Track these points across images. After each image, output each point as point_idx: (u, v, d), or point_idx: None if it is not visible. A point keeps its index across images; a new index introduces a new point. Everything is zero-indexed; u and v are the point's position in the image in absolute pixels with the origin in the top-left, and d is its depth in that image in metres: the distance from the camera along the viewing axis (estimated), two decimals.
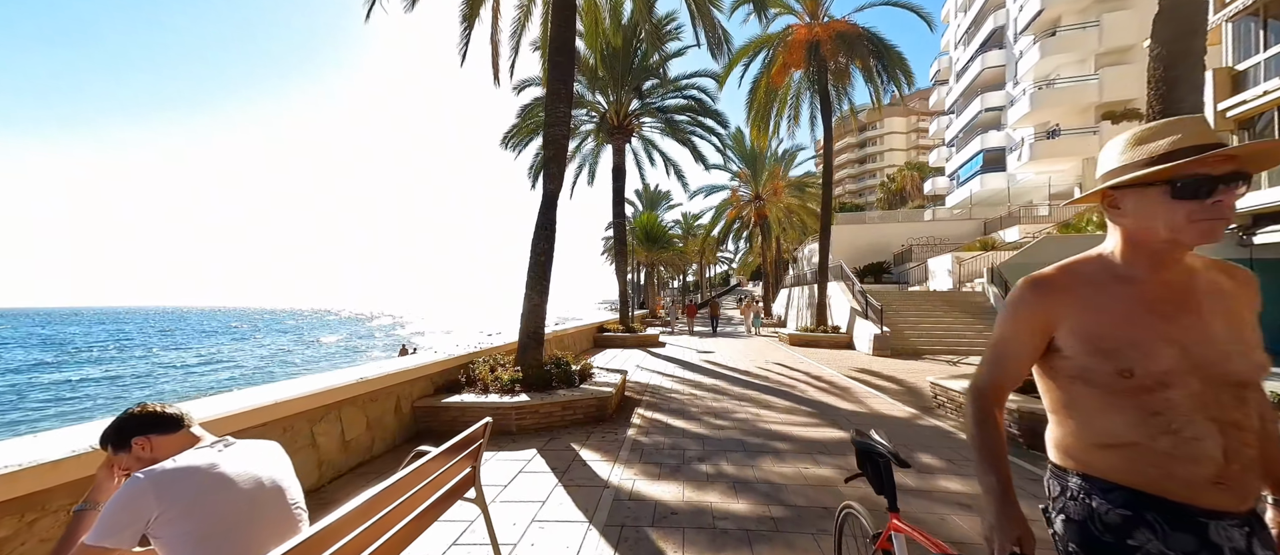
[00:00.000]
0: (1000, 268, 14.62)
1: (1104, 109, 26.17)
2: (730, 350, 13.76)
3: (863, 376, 9.13)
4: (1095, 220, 18.09)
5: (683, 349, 14.17)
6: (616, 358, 12.03)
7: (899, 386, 8.03)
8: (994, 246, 18.80)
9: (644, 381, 8.58)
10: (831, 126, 15.35)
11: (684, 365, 10.72)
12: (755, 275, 59.23)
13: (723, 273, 73.88)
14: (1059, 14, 27.71)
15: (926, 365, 10.66)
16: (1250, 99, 12.51)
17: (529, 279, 6.81)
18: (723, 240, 30.45)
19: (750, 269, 55.31)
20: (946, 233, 28.28)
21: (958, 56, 42.11)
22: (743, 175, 28.30)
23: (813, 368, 10.21)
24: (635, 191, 42.99)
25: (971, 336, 13.23)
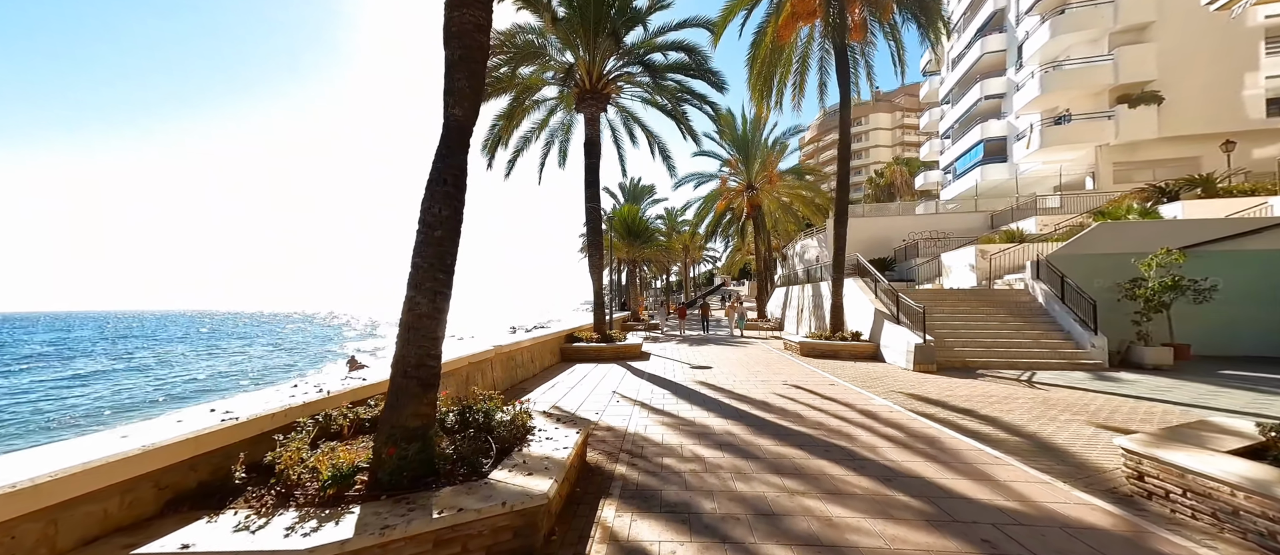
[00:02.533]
0: (1049, 260, 12.21)
1: (1119, 91, 24.37)
2: (731, 365, 10.99)
3: (931, 410, 6.42)
4: (1135, 208, 15.94)
5: (672, 364, 11.34)
6: (585, 380, 9.13)
7: (1013, 436, 5.33)
8: (1022, 238, 16.49)
9: (620, 426, 5.72)
10: (850, 91, 12.74)
11: (677, 392, 7.88)
12: (743, 274, 56.90)
13: (707, 272, 71.52)
14: None
15: (1003, 388, 8.04)
16: None
17: (414, 270, 3.87)
18: (713, 233, 27.82)
19: (737, 268, 52.91)
20: (951, 226, 26.06)
21: (951, 45, 40.40)
22: (733, 163, 25.66)
23: (850, 394, 7.48)
24: (617, 185, 40.15)
25: (1026, 344, 10.74)
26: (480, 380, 7.20)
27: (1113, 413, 6.22)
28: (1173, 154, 23.54)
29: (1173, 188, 16.56)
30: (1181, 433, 3.70)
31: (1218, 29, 22.77)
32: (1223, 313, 10.79)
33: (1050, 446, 4.82)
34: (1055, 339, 10.79)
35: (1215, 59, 22.68)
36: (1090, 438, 5.11)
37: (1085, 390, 7.69)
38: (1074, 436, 5.15)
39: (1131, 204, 16.38)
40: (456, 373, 6.38)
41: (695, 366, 10.82)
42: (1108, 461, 4.37)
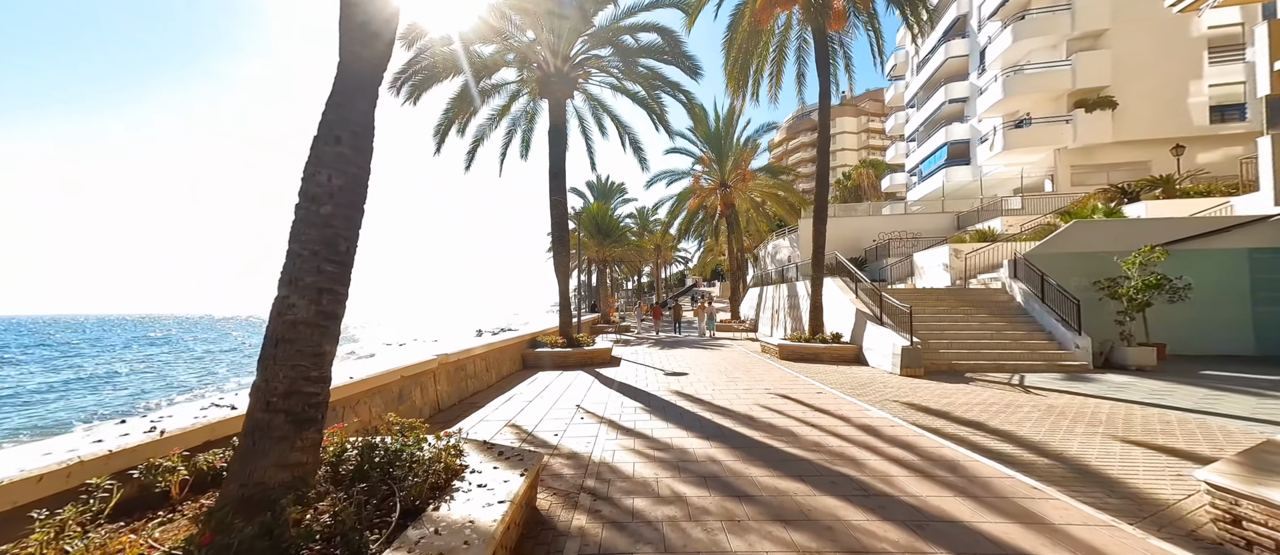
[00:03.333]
0: (1028, 258, 11.96)
1: (1076, 96, 25.09)
2: (707, 371, 10.16)
3: (936, 424, 5.72)
4: (1100, 208, 16.12)
5: (644, 371, 10.41)
6: (547, 391, 8.08)
7: (1039, 456, 4.64)
8: (995, 238, 16.43)
9: (583, 452, 4.74)
10: (830, 81, 12.17)
11: (650, 405, 6.95)
12: (714, 275, 56.68)
13: (679, 273, 71.14)
14: None
15: (999, 393, 7.48)
16: None
17: (289, 259, 2.80)
18: (685, 233, 27.11)
19: (708, 268, 52.59)
20: (919, 226, 26.25)
21: (913, 51, 41.25)
22: (706, 160, 25.02)
23: (842, 404, 6.74)
24: (586, 182, 39.03)
25: (1009, 345, 10.36)
26: (418, 397, 6.07)
27: (1129, 423, 5.67)
28: (1126, 158, 24.38)
29: (1134, 188, 16.85)
30: (1270, 461, 3.02)
31: (1166, 37, 23.73)
32: (1190, 311, 10.72)
33: (1087, 470, 4.13)
34: (1038, 340, 10.46)
35: (1164, 67, 23.61)
36: (1124, 456, 4.47)
37: (1085, 396, 7.21)
38: (1105, 455, 4.51)
39: (1096, 204, 16.58)
40: (384, 390, 5.25)
41: (669, 373, 9.93)
42: (1164, 490, 3.70)
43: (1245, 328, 11.31)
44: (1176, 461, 4.31)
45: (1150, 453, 4.58)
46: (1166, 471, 4.07)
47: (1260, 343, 11.19)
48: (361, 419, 4.70)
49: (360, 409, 4.77)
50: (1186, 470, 4.06)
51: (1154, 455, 4.50)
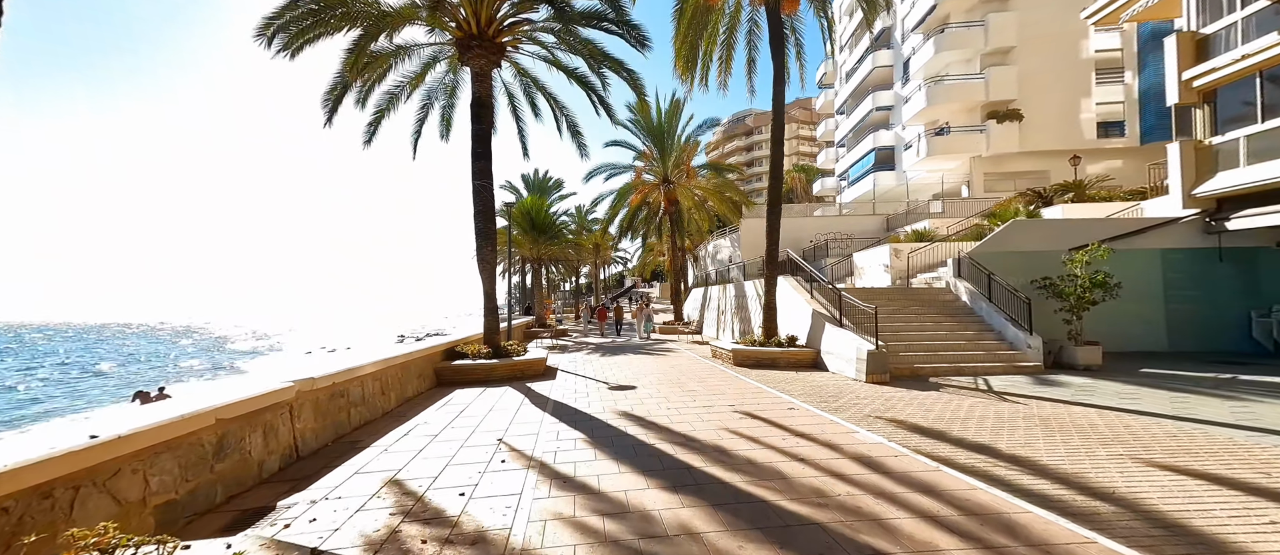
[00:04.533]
0: (974, 257, 11.89)
1: (989, 108, 26.87)
2: (657, 382, 8.86)
3: (941, 450, 4.79)
4: (1021, 210, 16.88)
5: (585, 385, 8.91)
6: (463, 417, 6.35)
7: (1079, 493, 3.77)
8: (932, 238, 16.68)
9: (498, 529, 3.18)
10: (784, 66, 11.37)
11: (594, 434, 5.49)
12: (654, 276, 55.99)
13: (618, 274, 69.89)
14: (948, 12, 28.09)
15: (978, 402, 6.82)
16: (1222, 65, 11.11)
17: None
18: (626, 231, 25.81)
19: (649, 269, 51.76)
20: (853, 228, 26.87)
21: (842, 59, 43.06)
22: (648, 155, 23.91)
23: (823, 425, 5.69)
24: (521, 176, 36.61)
25: (964, 346, 10.06)
26: (258, 445, 4.18)
27: (1139, 439, 5.07)
28: (1030, 167, 26.42)
29: (1049, 192, 17.87)
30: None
31: (1062, 57, 26.00)
32: (1112, 310, 11.03)
33: (1163, 520, 3.25)
34: (990, 339, 10.25)
35: (1060, 84, 25.84)
36: (1181, 490, 3.69)
37: (1064, 403, 6.73)
38: (1162, 490, 3.71)
39: (1017, 207, 17.39)
40: (181, 445, 3.36)
41: (614, 386, 8.51)
42: (1243, 535, 2.85)
43: (1159, 325, 11.92)
44: (1234, 493, 3.58)
45: (1199, 482, 3.84)
46: (1250, 515, 3.29)
47: (1172, 339, 11.84)
48: (120, 501, 2.83)
49: (119, 484, 2.89)
50: (1264, 509, 3.30)
51: (1208, 487, 3.76)
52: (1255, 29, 10.64)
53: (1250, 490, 3.64)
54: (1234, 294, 11.71)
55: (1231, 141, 11.15)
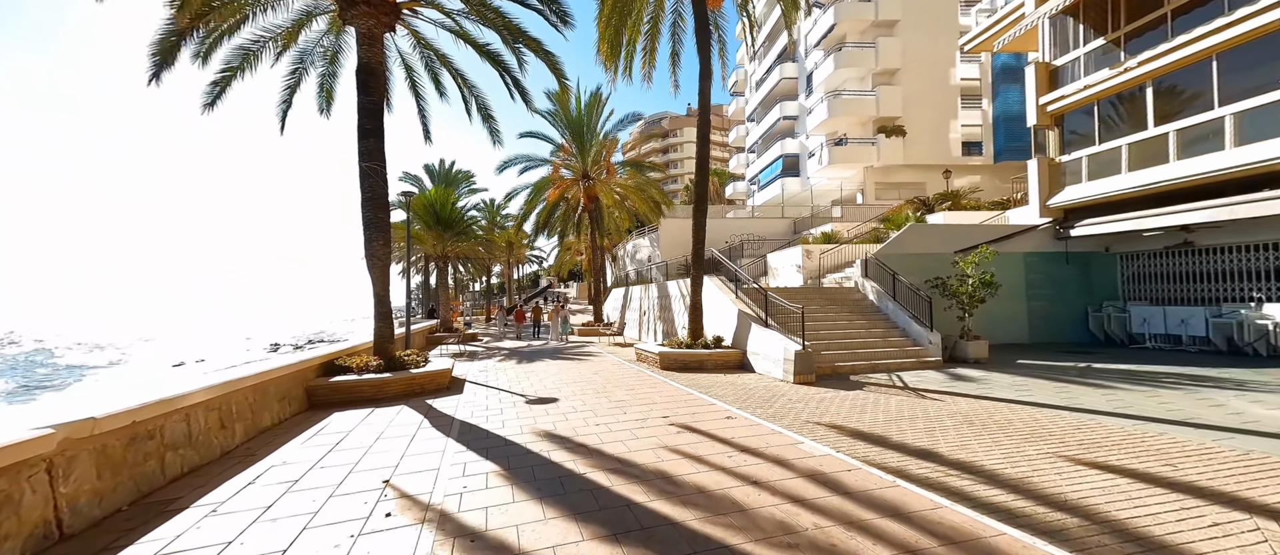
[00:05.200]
0: (880, 258, 12.62)
1: (880, 122, 29.59)
2: (582, 391, 8.04)
3: (905, 465, 4.58)
4: (912, 216, 18.56)
5: (498, 399, 7.80)
6: (336, 453, 5.02)
7: (1039, 505, 3.64)
8: (841, 240, 17.69)
9: None
10: (710, 60, 11.12)
11: (510, 466, 4.55)
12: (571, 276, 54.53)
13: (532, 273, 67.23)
14: (845, 32, 30.48)
15: (903, 402, 6.91)
16: (1069, 93, 12.88)
17: None
18: (542, 228, 24.41)
19: (566, 268, 50.26)
20: (764, 230, 28.00)
21: (752, 69, 45.26)
22: (567, 148, 22.82)
23: (765, 437, 5.30)
24: (424, 166, 33.39)
25: (876, 343, 10.52)
26: None
27: (1046, 431, 5.30)
28: (911, 178, 29.52)
29: (932, 201, 19.87)
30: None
31: (936, 81, 29.38)
32: (988, 307, 12.29)
33: (1107, 522, 3.16)
34: (897, 336, 10.84)
35: (935, 105, 29.17)
36: (1108, 490, 3.73)
37: (975, 398, 7.06)
38: (1089, 490, 3.72)
39: (908, 213, 19.13)
40: None
41: (533, 400, 7.54)
42: (1205, 544, 2.82)
43: (1022, 320, 13.56)
44: (1164, 491, 3.69)
45: (1130, 481, 3.94)
46: (1188, 516, 3.34)
47: (1032, 332, 13.52)
48: None
49: None
50: (1200, 509, 3.37)
51: (1139, 486, 3.86)
52: (1094, 63, 12.45)
53: (1176, 487, 3.77)
54: (1077, 292, 13.68)
55: (1076, 160, 12.97)
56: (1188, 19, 10.57)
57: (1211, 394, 6.83)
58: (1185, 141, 10.66)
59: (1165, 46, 10.80)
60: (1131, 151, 11.64)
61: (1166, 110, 11.07)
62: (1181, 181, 10.61)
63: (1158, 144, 11.13)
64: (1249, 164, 9.49)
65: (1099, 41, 12.32)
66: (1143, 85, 11.46)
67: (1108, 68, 12.02)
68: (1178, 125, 10.74)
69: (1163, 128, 11.02)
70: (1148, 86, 11.38)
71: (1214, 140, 10.15)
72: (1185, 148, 10.67)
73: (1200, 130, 10.38)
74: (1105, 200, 12.29)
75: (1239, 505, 3.37)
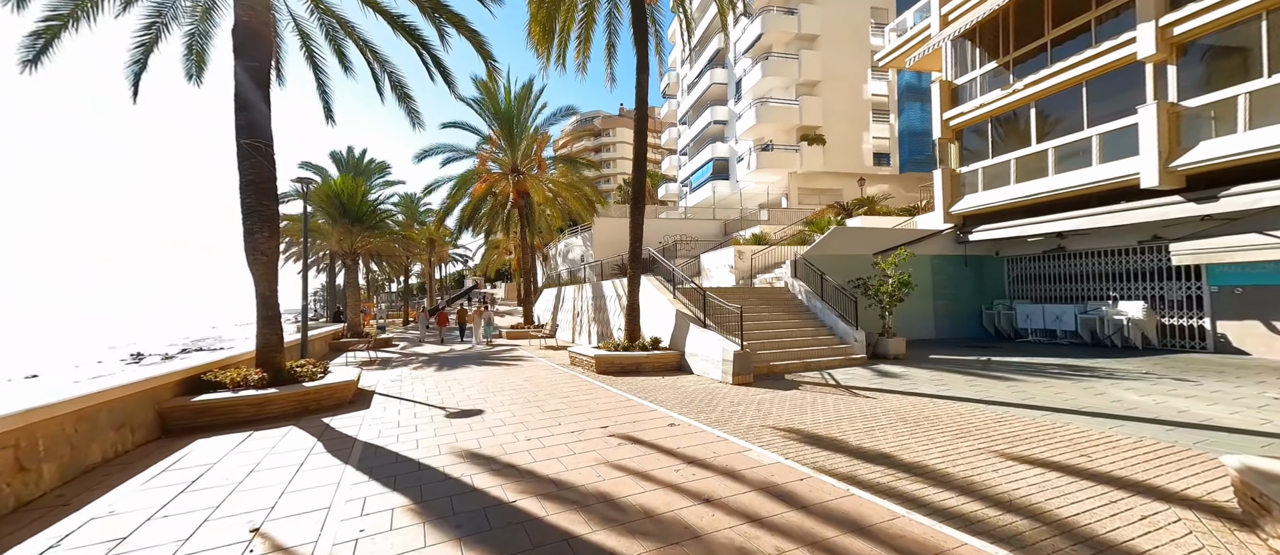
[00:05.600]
0: (808, 259, 13.04)
1: (802, 131, 31.20)
2: (510, 401, 7.32)
3: (858, 472, 4.44)
4: (833, 220, 19.61)
5: (410, 414, 6.87)
6: (188, 496, 3.98)
7: (996, 510, 3.60)
8: (771, 241, 18.22)
9: None
10: (647, 53, 10.80)
11: (422, 499, 3.84)
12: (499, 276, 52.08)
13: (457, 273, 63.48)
14: (771, 42, 31.79)
15: (842, 402, 6.97)
16: (967, 110, 14.16)
17: None
18: (468, 223, 22.75)
19: (493, 268, 47.89)
20: (696, 231, 28.49)
21: (684, 73, 46.05)
22: (494, 140, 21.50)
23: (714, 445, 5.01)
24: (330, 154, 30.09)
25: (806, 341, 10.78)
26: None
27: (972, 426, 5.51)
28: (830, 185, 31.41)
29: (851, 206, 21.14)
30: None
31: (851, 95, 31.52)
32: (902, 305, 13.16)
33: (1053, 522, 3.17)
34: (826, 334, 11.20)
35: (850, 118, 31.29)
36: (1043, 486, 3.82)
37: (903, 394, 7.31)
38: (1028, 488, 3.79)
39: (830, 217, 20.20)
40: None
41: (455, 413, 6.72)
42: (1141, 540, 2.88)
43: (929, 318, 14.70)
44: (1090, 485, 3.84)
45: (1059, 475, 4.08)
46: (1120, 508, 3.44)
47: (938, 329, 14.70)
48: None
49: None
50: (1124, 501, 3.50)
51: (1069, 480, 4.00)
52: (988, 84, 13.76)
53: (1098, 479, 3.95)
54: (973, 292, 15.08)
55: (973, 171, 14.27)
56: (1063, 48, 11.96)
57: (1092, 383, 7.61)
58: (1061, 157, 12.05)
59: (1045, 72, 12.14)
60: (1018, 165, 12.99)
61: (1047, 129, 12.46)
62: (1058, 193, 11.97)
63: (1039, 159, 12.49)
64: (1110, 179, 10.88)
65: (992, 64, 13.64)
66: (1028, 106, 12.82)
67: (999, 89, 13.32)
68: (1055, 143, 12.11)
69: (1043, 145, 12.39)
70: (1032, 107, 12.75)
71: (1083, 157, 11.55)
72: (1061, 163, 12.05)
73: (1073, 148, 11.78)
74: (997, 208, 13.62)
75: (1155, 495, 3.56)
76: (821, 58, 30.64)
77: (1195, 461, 4.18)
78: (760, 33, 31.52)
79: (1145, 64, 10.32)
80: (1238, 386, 6.98)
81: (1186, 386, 7.10)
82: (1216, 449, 4.45)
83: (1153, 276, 11.58)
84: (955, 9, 14.45)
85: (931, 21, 15.34)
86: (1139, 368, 8.78)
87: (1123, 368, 8.81)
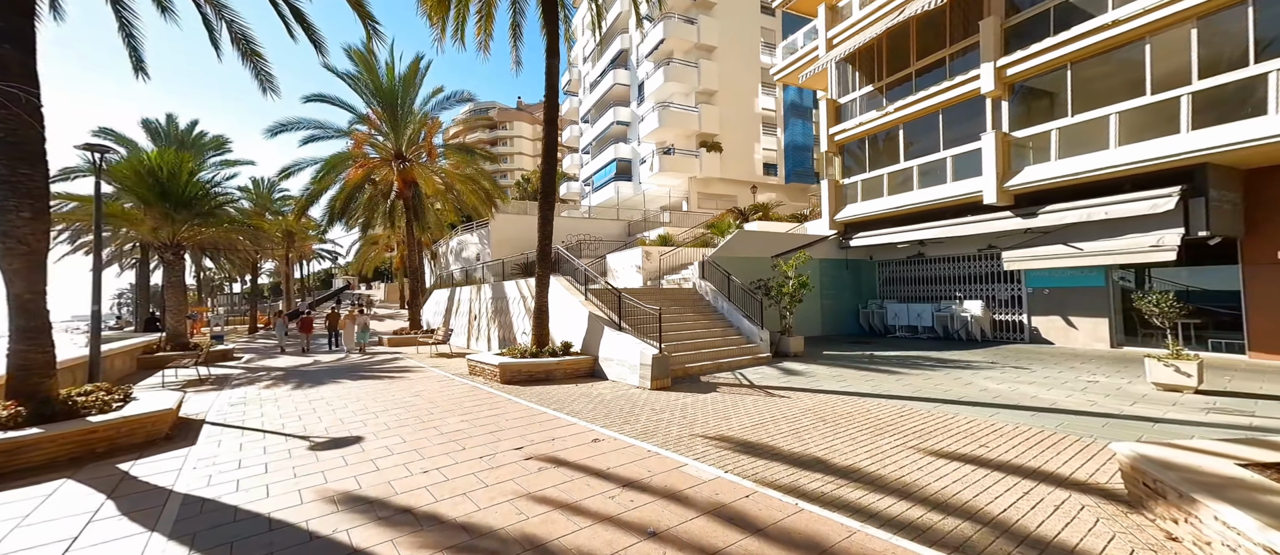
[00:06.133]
0: (715, 260, 13.31)
1: (701, 138, 32.48)
2: (399, 423, 6.14)
3: (799, 481, 4.26)
4: (733, 224, 20.52)
5: (256, 446, 5.39)
6: None
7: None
8: (676, 243, 18.42)
9: None
10: (557, 40, 10.05)
11: None
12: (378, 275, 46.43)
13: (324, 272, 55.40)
14: (672, 48, 32.62)
15: (761, 403, 6.95)
16: (849, 127, 15.65)
17: None
18: (340, 214, 19.46)
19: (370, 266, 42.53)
20: (600, 231, 28.18)
21: (586, 70, 45.48)
22: (374, 121, 18.82)
23: (646, 462, 4.57)
24: (142, 123, 24.14)
25: (716, 341, 10.90)
26: None
27: (885, 422, 5.78)
28: (726, 191, 33.14)
29: (748, 211, 22.34)
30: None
31: (744, 107, 33.61)
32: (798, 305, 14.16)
33: (992, 522, 3.26)
34: (734, 335, 11.44)
35: (743, 128, 33.34)
36: (969, 482, 3.98)
37: (814, 392, 7.57)
38: (958, 485, 3.93)
39: (730, 220, 21.11)
40: None
41: (322, 443, 5.40)
42: (1069, 533, 3.05)
43: (817, 316, 15.95)
44: (1005, 477, 4.09)
45: (979, 470, 4.31)
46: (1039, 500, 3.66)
47: (824, 327, 16.01)
48: None
49: None
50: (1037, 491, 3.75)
51: (991, 475, 4.23)
52: (866, 105, 15.33)
53: (1006, 469, 4.25)
54: (851, 293, 16.72)
55: (853, 183, 15.81)
56: (925, 78, 13.72)
57: (959, 373, 8.65)
58: (923, 174, 13.79)
59: (911, 98, 13.81)
60: (890, 180, 14.63)
61: (912, 149, 14.19)
62: (921, 206, 13.69)
63: (906, 175, 14.19)
64: (960, 195, 12.67)
65: (869, 88, 15.23)
66: (897, 127, 14.50)
67: (875, 110, 14.90)
68: (919, 161, 13.84)
69: (909, 163, 14.09)
70: (900, 129, 14.44)
71: (941, 175, 13.33)
72: (923, 179, 13.80)
73: (932, 166, 13.54)
74: (873, 217, 15.23)
75: (1055, 481, 3.89)
76: (719, 69, 32.18)
77: (1066, 446, 4.73)
78: (663, 37, 32.14)
79: (986, 98, 12.18)
80: (1059, 373, 8.39)
81: (1025, 374, 8.37)
82: (1074, 431, 5.13)
83: (988, 279, 13.75)
84: (839, 35, 15.90)
85: (819, 43, 16.72)
86: (985, 358, 10.25)
87: (973, 358, 10.22)
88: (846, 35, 15.59)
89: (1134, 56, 9.82)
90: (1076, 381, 7.58)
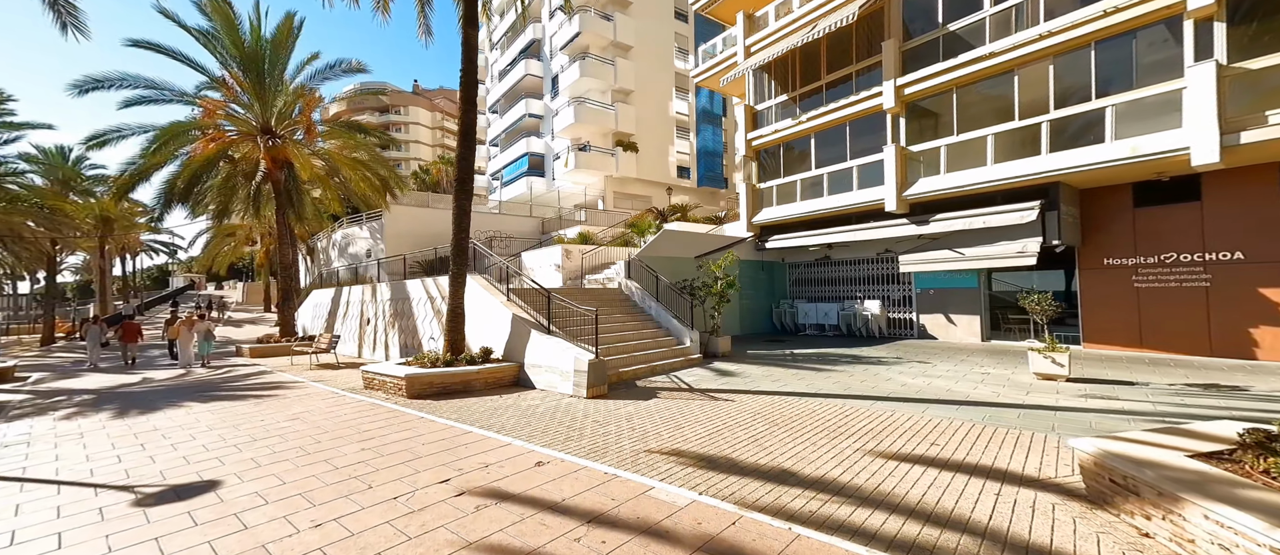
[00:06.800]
0: (643, 260, 12.94)
1: (618, 136, 32.14)
2: (268, 455, 4.79)
3: (778, 499, 3.91)
4: (652, 224, 20.44)
5: (44, 507, 3.79)
6: None
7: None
8: (594, 241, 17.77)
9: None
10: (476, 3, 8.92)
11: None
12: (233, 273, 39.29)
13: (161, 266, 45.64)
14: (588, 43, 31.91)
15: (707, 407, 6.61)
16: (765, 133, 16.29)
17: None
18: (183, 197, 15.57)
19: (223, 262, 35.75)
20: (511, 228, 26.76)
21: (495, 58, 42.97)
22: (231, 87, 15.54)
23: (609, 490, 3.95)
24: None
25: (648, 343, 10.51)
26: None
27: (834, 425, 5.76)
28: (642, 191, 33.19)
29: (667, 212, 22.41)
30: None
31: (659, 109, 33.99)
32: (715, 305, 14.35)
33: (976, 529, 3.16)
34: (665, 336, 11.15)
35: (659, 130, 33.69)
36: (939, 486, 3.95)
37: (757, 394, 7.45)
38: (936, 492, 3.86)
39: (650, 220, 20.98)
40: None
41: (153, 496, 3.96)
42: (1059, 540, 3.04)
43: (737, 315, 16.36)
44: (968, 479, 4.12)
45: (937, 471, 4.31)
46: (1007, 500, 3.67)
47: (742, 326, 16.47)
48: None
49: None
50: (1008, 493, 3.79)
51: (950, 476, 4.23)
52: (780, 114, 16.06)
53: (964, 469, 4.31)
54: (766, 293, 17.44)
55: (769, 188, 16.48)
56: (835, 91, 14.68)
57: (875, 368, 9.18)
58: (832, 182, 14.74)
59: (822, 110, 14.70)
60: (802, 185, 15.46)
61: (823, 157, 15.11)
62: (830, 211, 14.62)
63: (817, 182, 15.07)
64: (865, 202, 13.72)
65: (784, 96, 15.97)
66: (809, 136, 15.36)
67: (789, 118, 15.66)
68: (828, 170, 14.77)
69: (820, 170, 14.99)
70: (812, 138, 15.31)
71: (847, 183, 14.33)
72: (832, 186, 14.75)
73: (840, 175, 14.52)
74: (787, 221, 15.98)
75: (1016, 480, 3.98)
76: (635, 69, 32.11)
77: (1008, 441, 4.97)
78: (578, 31, 31.26)
79: (888, 114, 13.30)
80: (955, 366, 9.26)
81: (929, 368, 9.11)
82: (1000, 424, 5.49)
83: (884, 281, 15.10)
84: (756, 43, 16.48)
85: (738, 50, 17.20)
86: (890, 353, 11.10)
87: (880, 354, 11.01)
88: (763, 44, 16.19)
89: (1005, 86, 11.29)
90: (973, 374, 8.38)
